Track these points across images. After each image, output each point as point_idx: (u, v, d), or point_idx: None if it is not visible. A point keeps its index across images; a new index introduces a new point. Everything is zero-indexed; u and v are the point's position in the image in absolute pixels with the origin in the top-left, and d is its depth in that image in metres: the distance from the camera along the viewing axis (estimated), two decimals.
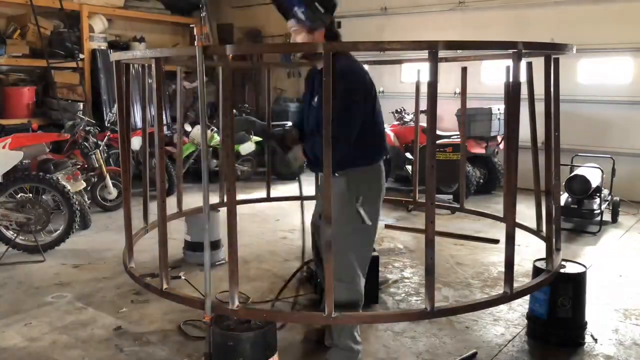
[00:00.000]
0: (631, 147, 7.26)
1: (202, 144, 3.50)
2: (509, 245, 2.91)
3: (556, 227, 3.50)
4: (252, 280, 4.47)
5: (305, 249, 3.84)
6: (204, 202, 2.68)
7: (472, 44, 3.57)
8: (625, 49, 7.17)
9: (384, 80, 9.10)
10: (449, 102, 7.94)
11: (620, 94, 7.29)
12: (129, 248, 3.46)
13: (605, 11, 7.25)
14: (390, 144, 7.94)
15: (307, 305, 4.00)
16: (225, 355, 2.64)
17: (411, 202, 5.58)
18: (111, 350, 3.35)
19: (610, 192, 6.35)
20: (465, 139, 5.03)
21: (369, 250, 3.16)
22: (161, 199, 2.99)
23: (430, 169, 2.65)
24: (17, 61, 7.68)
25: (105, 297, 4.15)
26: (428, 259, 2.71)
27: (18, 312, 3.89)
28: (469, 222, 6.17)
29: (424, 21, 8.63)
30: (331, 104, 2.48)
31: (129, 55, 3.31)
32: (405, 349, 3.36)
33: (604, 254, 5.25)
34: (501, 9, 7.98)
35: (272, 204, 6.12)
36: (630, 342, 3.48)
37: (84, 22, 8.35)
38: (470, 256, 5.11)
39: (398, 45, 2.55)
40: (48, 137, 6.09)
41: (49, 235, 5.21)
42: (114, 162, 7.08)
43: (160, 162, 2.93)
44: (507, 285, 2.95)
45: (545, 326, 3.41)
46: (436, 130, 2.69)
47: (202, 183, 2.66)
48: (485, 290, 4.33)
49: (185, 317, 3.74)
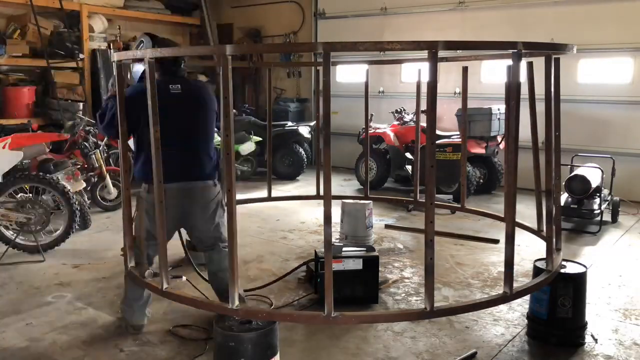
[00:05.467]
0: (631, 147, 7.26)
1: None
2: (509, 245, 2.92)
3: (556, 227, 3.50)
4: (252, 280, 4.47)
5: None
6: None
7: (472, 44, 3.58)
8: (625, 49, 7.17)
9: (384, 80, 9.11)
10: (449, 102, 7.95)
11: (620, 94, 7.30)
12: (129, 248, 3.46)
13: (605, 11, 7.25)
14: (390, 144, 7.95)
15: (307, 305, 4.00)
16: (227, 355, 2.64)
17: (411, 202, 5.60)
18: (111, 350, 3.35)
19: (610, 192, 6.35)
20: (465, 139, 5.04)
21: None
22: (160, 199, 2.99)
23: (430, 169, 2.65)
24: (17, 61, 7.68)
25: (105, 297, 4.15)
26: (428, 259, 2.71)
27: (18, 312, 3.89)
28: (469, 222, 6.17)
29: (424, 21, 8.63)
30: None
31: (129, 55, 3.31)
32: (405, 349, 3.36)
33: (604, 254, 5.25)
34: (501, 9, 7.98)
35: (272, 203, 6.15)
36: (630, 342, 3.48)
37: (84, 22, 8.35)
38: (470, 256, 5.11)
39: (398, 45, 2.55)
40: (48, 137, 6.09)
41: (49, 235, 5.21)
42: (114, 162, 7.09)
43: (157, 161, 2.93)
44: (507, 285, 2.95)
45: (545, 326, 3.41)
46: (436, 130, 2.70)
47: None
48: (485, 290, 4.33)
49: (185, 317, 3.74)
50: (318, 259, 3.98)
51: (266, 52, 9.18)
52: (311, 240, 5.58)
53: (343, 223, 5.28)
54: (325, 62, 2.55)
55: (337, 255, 3.88)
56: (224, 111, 2.71)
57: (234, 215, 2.75)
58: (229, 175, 2.76)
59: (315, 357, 3.29)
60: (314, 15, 9.83)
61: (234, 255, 2.78)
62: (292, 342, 3.42)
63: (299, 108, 10.12)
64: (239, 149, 8.13)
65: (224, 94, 2.68)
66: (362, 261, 3.93)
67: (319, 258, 3.95)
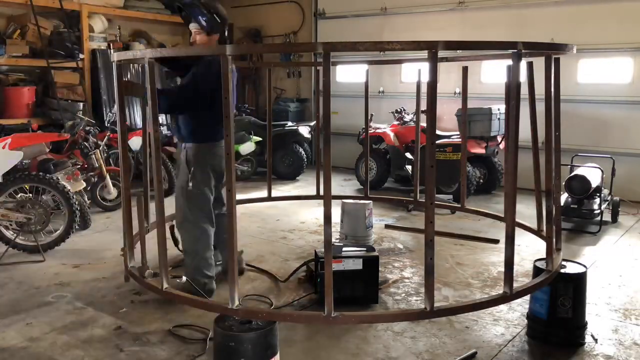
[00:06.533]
0: (631, 147, 7.26)
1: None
2: (508, 245, 2.92)
3: (556, 227, 3.51)
4: (252, 280, 4.47)
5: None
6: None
7: (472, 44, 3.58)
8: (625, 49, 7.17)
9: (384, 80, 9.11)
10: (449, 102, 7.95)
11: (620, 94, 7.30)
12: (129, 248, 3.46)
13: (605, 11, 7.25)
14: (390, 144, 7.95)
15: (307, 305, 4.00)
16: (227, 355, 2.64)
17: (411, 202, 5.60)
18: (111, 350, 3.35)
19: (610, 192, 6.35)
20: (465, 139, 5.04)
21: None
22: (159, 199, 2.99)
23: (430, 169, 2.66)
24: (17, 61, 7.68)
25: (105, 297, 4.15)
26: (428, 259, 2.72)
27: (18, 312, 3.88)
28: (469, 222, 6.17)
29: (424, 21, 8.63)
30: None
31: (128, 55, 3.31)
32: (405, 349, 3.36)
33: (604, 254, 5.25)
34: (501, 9, 7.98)
35: (272, 203, 6.15)
36: (630, 342, 3.48)
37: (84, 22, 8.34)
38: (470, 256, 5.11)
39: (398, 45, 2.55)
40: (48, 137, 6.09)
41: (49, 235, 5.21)
42: (114, 162, 7.08)
43: (157, 162, 2.93)
44: (507, 285, 2.95)
45: (545, 326, 3.40)
46: (436, 130, 2.70)
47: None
48: (485, 290, 4.33)
49: (185, 317, 3.74)
50: (318, 259, 3.98)
51: (266, 52, 9.19)
52: (311, 240, 5.58)
53: (343, 223, 5.28)
54: (325, 62, 2.55)
55: (337, 255, 3.88)
56: (224, 111, 2.71)
57: (234, 215, 2.75)
58: (229, 176, 2.76)
59: (315, 357, 3.29)
60: (314, 15, 9.83)
61: (234, 255, 2.78)
62: (292, 342, 3.42)
63: (299, 108, 10.12)
64: (239, 149, 8.13)
65: (224, 94, 2.68)
66: (362, 261, 3.92)
67: (319, 258, 3.95)
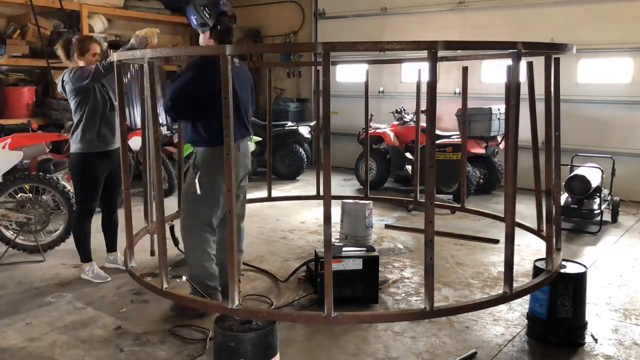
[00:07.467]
0: (631, 147, 7.26)
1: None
2: (508, 245, 2.92)
3: (556, 227, 3.50)
4: (252, 280, 4.47)
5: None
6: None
7: (472, 44, 3.57)
8: (625, 49, 7.17)
9: (384, 80, 9.11)
10: (449, 102, 7.95)
11: (620, 94, 7.30)
12: (129, 248, 3.46)
13: (605, 11, 7.25)
14: (390, 144, 7.95)
15: (307, 305, 4.00)
16: (227, 355, 2.64)
17: (411, 202, 5.60)
18: (111, 350, 3.35)
19: (610, 192, 6.35)
20: (465, 139, 5.04)
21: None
22: (159, 199, 2.99)
23: (430, 169, 2.65)
24: (17, 61, 7.68)
25: (105, 297, 4.15)
26: (428, 259, 2.72)
27: (18, 312, 3.89)
28: (469, 222, 6.17)
29: (423, 21, 8.63)
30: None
31: (128, 55, 3.31)
32: (405, 349, 3.36)
33: (604, 254, 5.25)
34: (501, 9, 7.98)
35: (272, 203, 6.15)
36: (630, 342, 3.48)
37: (84, 22, 8.33)
38: (470, 256, 5.11)
39: (398, 45, 2.55)
40: (48, 137, 6.09)
41: (49, 235, 5.21)
42: None
43: (157, 162, 2.93)
44: (506, 285, 2.95)
45: (545, 326, 3.40)
46: (436, 130, 2.70)
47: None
48: (485, 290, 4.33)
49: (185, 317, 3.74)
50: (318, 259, 3.98)
51: (266, 52, 9.19)
52: (311, 240, 5.58)
53: (343, 223, 5.28)
54: (325, 62, 2.55)
55: (337, 255, 3.88)
56: (224, 112, 2.71)
57: (234, 215, 2.75)
58: (228, 176, 2.76)
59: (315, 357, 3.29)
60: (314, 15, 9.84)
61: (234, 254, 2.78)
62: (292, 342, 3.42)
63: (299, 108, 10.12)
64: None
65: (224, 94, 2.68)
66: (362, 261, 3.92)
67: (319, 258, 3.95)
